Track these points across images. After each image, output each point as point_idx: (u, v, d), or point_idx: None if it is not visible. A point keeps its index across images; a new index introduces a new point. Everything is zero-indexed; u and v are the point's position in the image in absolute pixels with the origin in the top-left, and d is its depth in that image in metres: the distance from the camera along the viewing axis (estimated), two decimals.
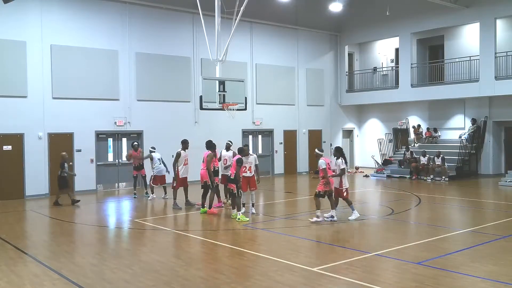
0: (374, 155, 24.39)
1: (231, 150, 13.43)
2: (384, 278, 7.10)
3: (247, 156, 12.13)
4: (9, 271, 7.64)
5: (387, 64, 25.60)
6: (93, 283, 6.98)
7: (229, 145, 13.56)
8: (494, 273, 7.15)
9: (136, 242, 9.89)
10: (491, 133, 21.13)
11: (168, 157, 15.83)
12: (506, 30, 20.59)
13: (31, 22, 16.26)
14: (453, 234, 10.04)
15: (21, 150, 15.89)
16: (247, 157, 12.12)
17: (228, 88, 14.74)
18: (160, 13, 19.08)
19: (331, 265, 7.64)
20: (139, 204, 14.74)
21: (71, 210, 13.62)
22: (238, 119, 17.79)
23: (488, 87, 19.74)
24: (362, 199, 15.94)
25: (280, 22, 22.74)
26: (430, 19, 21.53)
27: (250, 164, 12.11)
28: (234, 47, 17.65)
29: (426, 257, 8.03)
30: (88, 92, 17.33)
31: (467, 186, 18.11)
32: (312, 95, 24.24)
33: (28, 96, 16.18)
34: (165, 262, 8.11)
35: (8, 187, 15.29)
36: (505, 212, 12.82)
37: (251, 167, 12.19)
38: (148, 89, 18.76)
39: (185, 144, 13.72)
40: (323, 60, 24.92)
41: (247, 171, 12.08)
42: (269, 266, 7.81)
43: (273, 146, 22.83)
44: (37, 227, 11.77)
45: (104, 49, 17.77)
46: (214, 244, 9.28)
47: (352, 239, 9.63)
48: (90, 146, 17.45)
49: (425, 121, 23.83)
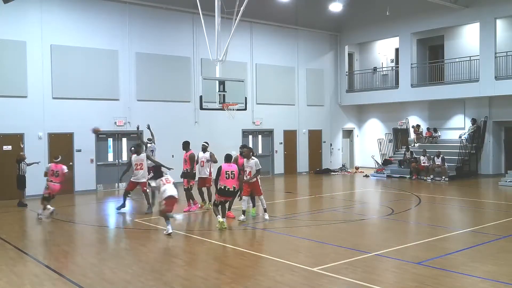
0: (374, 155, 24.39)
1: (208, 151, 13.03)
2: (384, 278, 7.10)
3: (248, 160, 11.42)
4: (9, 271, 7.64)
5: (387, 64, 25.59)
6: (93, 283, 6.98)
7: (206, 147, 13.10)
8: (494, 273, 7.15)
9: (136, 242, 9.88)
10: (491, 133, 21.13)
11: (168, 157, 15.82)
12: (506, 30, 20.58)
13: (31, 22, 16.26)
14: (453, 234, 10.04)
15: (21, 150, 15.86)
16: (248, 161, 11.42)
17: (228, 88, 14.73)
18: (160, 13, 19.08)
19: (331, 265, 7.63)
20: (139, 204, 14.72)
21: (71, 210, 13.61)
22: (238, 119, 17.77)
23: (488, 87, 19.74)
24: (362, 199, 15.95)
25: (280, 22, 22.74)
26: (430, 19, 21.53)
27: (250, 168, 11.30)
28: (234, 47, 17.64)
29: (426, 257, 8.03)
30: (88, 92, 17.33)
31: (467, 186, 18.11)
32: (312, 95, 24.24)
33: (28, 96, 16.18)
34: (165, 262, 8.11)
35: (8, 187, 15.28)
36: (505, 212, 12.82)
37: (251, 172, 11.36)
38: (148, 89, 18.76)
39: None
40: (323, 60, 24.91)
41: (248, 176, 11.33)
42: (269, 266, 7.81)
43: (273, 146, 22.82)
44: (37, 227, 11.77)
45: (104, 49, 17.77)
46: (214, 244, 9.28)
47: (352, 239, 9.63)
48: (90, 146, 17.45)
49: (425, 121, 23.83)
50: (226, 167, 10.47)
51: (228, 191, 10.43)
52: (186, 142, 13.09)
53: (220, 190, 10.42)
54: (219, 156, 19.70)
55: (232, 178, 10.36)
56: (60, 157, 12.79)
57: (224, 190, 10.38)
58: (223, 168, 10.43)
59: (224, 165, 10.52)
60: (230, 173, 10.40)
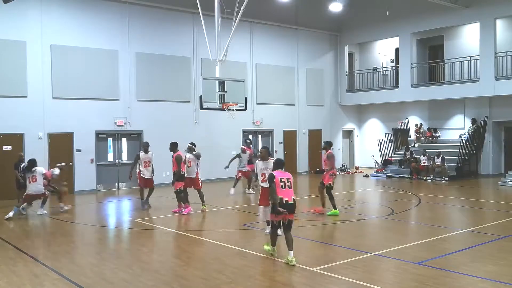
0: (374, 155, 24.39)
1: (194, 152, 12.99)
2: (384, 278, 7.10)
3: (266, 161, 9.66)
4: (9, 271, 7.64)
5: (387, 64, 25.60)
6: (93, 283, 6.98)
7: (192, 148, 13.04)
8: (494, 273, 7.15)
9: (136, 242, 9.88)
10: (491, 133, 21.13)
11: (168, 157, 15.78)
12: (506, 30, 20.58)
13: (31, 22, 16.27)
14: (453, 234, 10.04)
15: (21, 150, 15.86)
16: (266, 162, 9.65)
17: (228, 88, 14.72)
18: (160, 13, 19.08)
19: (331, 265, 7.64)
20: (139, 204, 14.72)
21: (71, 210, 13.61)
22: (238, 119, 17.78)
23: (488, 87, 19.74)
24: (362, 199, 15.95)
25: (280, 22, 22.74)
26: (430, 19, 21.53)
27: (269, 171, 9.04)
28: (234, 47, 17.64)
29: (426, 257, 8.03)
30: (88, 92, 17.34)
31: (467, 186, 18.11)
32: (312, 95, 24.24)
33: (28, 96, 16.19)
34: (165, 262, 8.11)
35: (8, 187, 15.27)
36: (505, 212, 12.82)
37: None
38: (148, 89, 18.76)
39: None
40: (323, 60, 24.92)
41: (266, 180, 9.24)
42: (269, 266, 7.81)
43: (273, 146, 22.82)
44: (37, 227, 11.77)
45: (104, 49, 17.77)
46: (214, 244, 9.28)
47: (352, 239, 9.63)
48: (90, 146, 17.46)
49: (425, 121, 23.83)
50: (279, 174, 8.07)
51: (287, 205, 7.90)
52: (173, 143, 12.98)
53: (275, 206, 7.89)
54: (219, 157, 19.83)
55: (289, 187, 8.02)
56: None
57: (280, 205, 7.84)
58: (276, 176, 8.02)
59: (277, 173, 8.12)
60: (286, 181, 8.04)
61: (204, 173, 14.97)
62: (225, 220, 12.06)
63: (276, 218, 8.00)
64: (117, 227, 11.77)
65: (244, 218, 12.40)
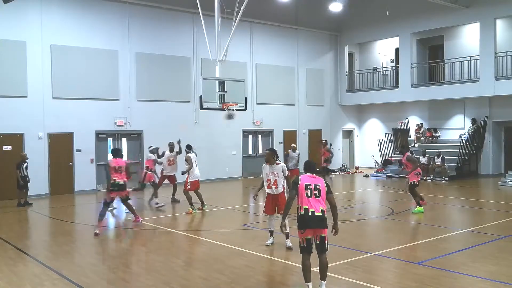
0: (374, 155, 24.39)
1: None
2: (384, 278, 7.10)
3: (272, 166, 8.65)
4: (9, 271, 7.64)
5: (387, 64, 25.59)
6: (93, 283, 6.98)
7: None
8: (494, 273, 7.15)
9: (136, 242, 9.89)
10: (491, 133, 21.13)
11: None
12: (506, 30, 20.58)
13: (31, 22, 16.26)
14: (453, 234, 10.04)
15: (21, 150, 15.85)
16: (272, 166, 8.65)
17: (228, 88, 14.74)
18: (160, 13, 19.08)
19: (331, 265, 7.61)
20: (139, 204, 14.72)
21: (71, 210, 13.61)
22: (238, 119, 17.77)
23: (488, 87, 19.74)
24: (362, 199, 15.95)
25: (280, 22, 22.74)
26: (430, 19, 21.53)
27: (275, 176, 8.31)
28: (234, 47, 17.64)
29: (426, 257, 8.03)
30: (88, 92, 17.33)
31: (467, 186, 18.11)
32: (312, 95, 24.23)
33: (28, 96, 16.18)
34: (165, 262, 8.10)
35: (8, 187, 15.27)
36: (505, 212, 12.82)
37: (277, 181, 8.53)
38: (148, 89, 18.76)
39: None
40: (323, 60, 24.91)
41: (272, 186, 8.53)
42: (269, 266, 7.81)
43: (273, 146, 22.80)
44: (37, 227, 11.77)
45: (104, 49, 17.77)
46: (214, 244, 9.28)
47: (352, 239, 9.62)
48: (90, 146, 17.45)
49: (425, 121, 23.81)
50: (306, 179, 6.29)
51: (313, 217, 6.11)
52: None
53: (300, 219, 6.15)
54: (219, 157, 19.79)
55: (316, 196, 6.16)
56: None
57: (304, 217, 6.10)
58: (302, 181, 6.26)
59: (304, 177, 6.34)
60: (314, 188, 6.19)
61: (204, 173, 14.98)
62: (225, 220, 12.05)
63: (301, 235, 6.08)
64: (117, 227, 11.76)
65: (244, 218, 12.40)
